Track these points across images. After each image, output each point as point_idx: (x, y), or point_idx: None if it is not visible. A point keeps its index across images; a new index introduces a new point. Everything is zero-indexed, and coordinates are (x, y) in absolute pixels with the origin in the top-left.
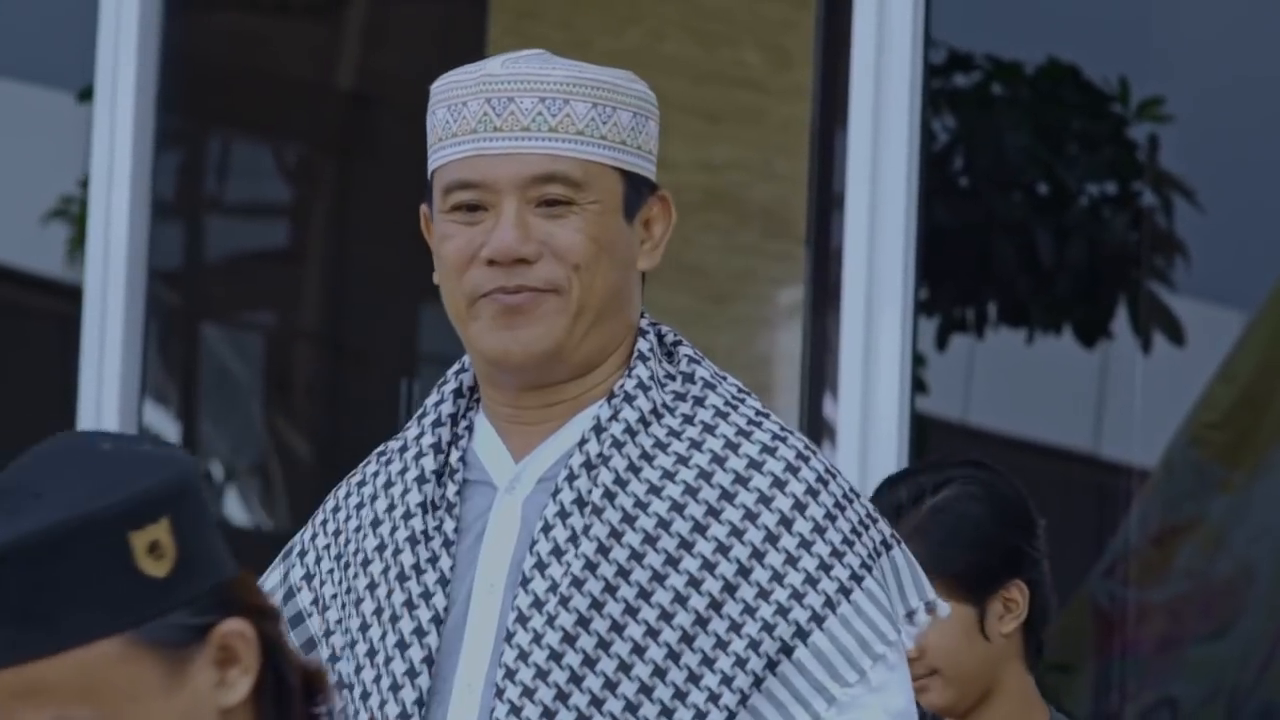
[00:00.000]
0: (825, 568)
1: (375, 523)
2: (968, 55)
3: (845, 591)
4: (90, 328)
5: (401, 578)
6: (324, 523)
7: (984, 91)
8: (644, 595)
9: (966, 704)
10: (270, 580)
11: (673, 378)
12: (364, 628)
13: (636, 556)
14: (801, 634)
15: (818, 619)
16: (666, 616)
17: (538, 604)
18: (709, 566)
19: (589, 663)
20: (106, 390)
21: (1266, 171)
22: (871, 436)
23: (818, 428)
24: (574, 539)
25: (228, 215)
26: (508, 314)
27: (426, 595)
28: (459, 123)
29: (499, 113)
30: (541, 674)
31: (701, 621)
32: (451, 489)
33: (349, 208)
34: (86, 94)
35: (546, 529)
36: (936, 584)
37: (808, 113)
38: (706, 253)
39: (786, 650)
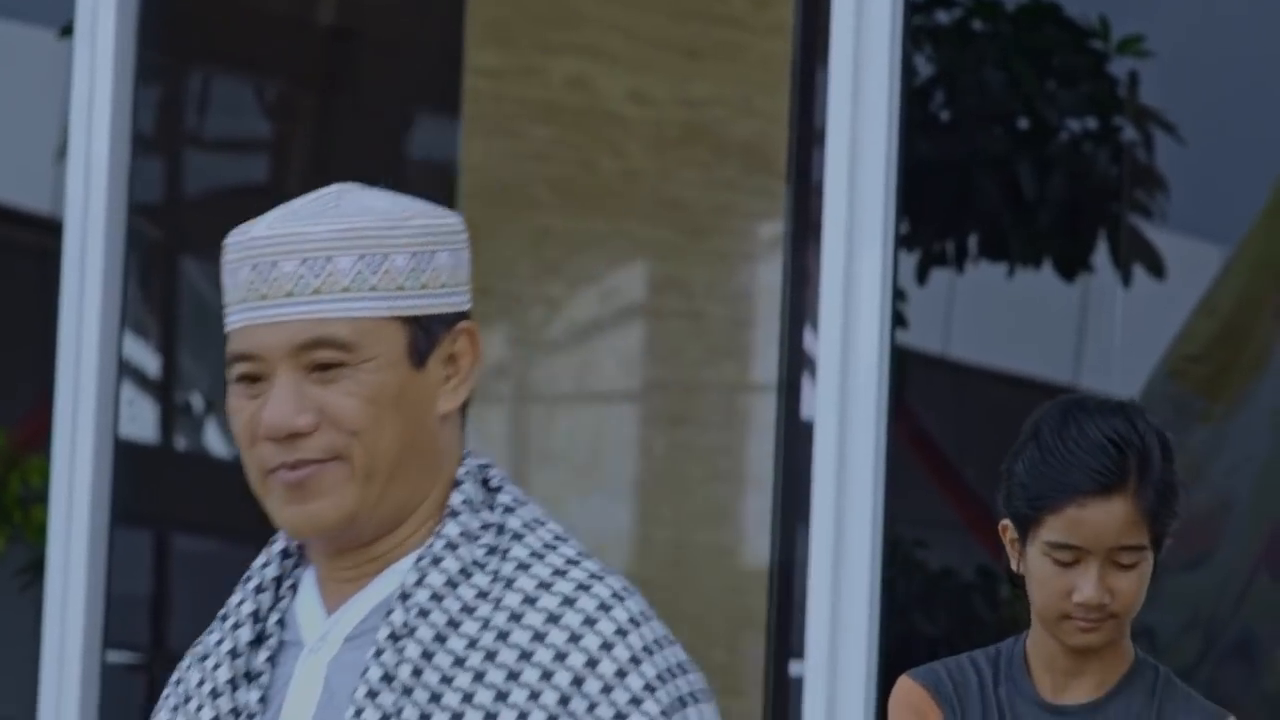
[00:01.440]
0: None
1: (187, 699)
2: None
3: None
4: (70, 261)
5: None
6: (167, 697)
7: (965, 27)
8: None
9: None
10: None
11: (488, 528)
12: None
13: None
14: None
15: None
16: None
17: None
18: None
19: None
20: (86, 323)
21: (1246, 106)
22: (851, 370)
23: (797, 362)
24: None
25: (208, 150)
26: (293, 490)
27: None
28: (233, 290)
29: (264, 279)
30: None
31: None
32: (263, 656)
33: (329, 142)
34: (67, 30)
35: (358, 712)
36: (1151, 538)
37: (788, 48)
38: (686, 187)
39: None
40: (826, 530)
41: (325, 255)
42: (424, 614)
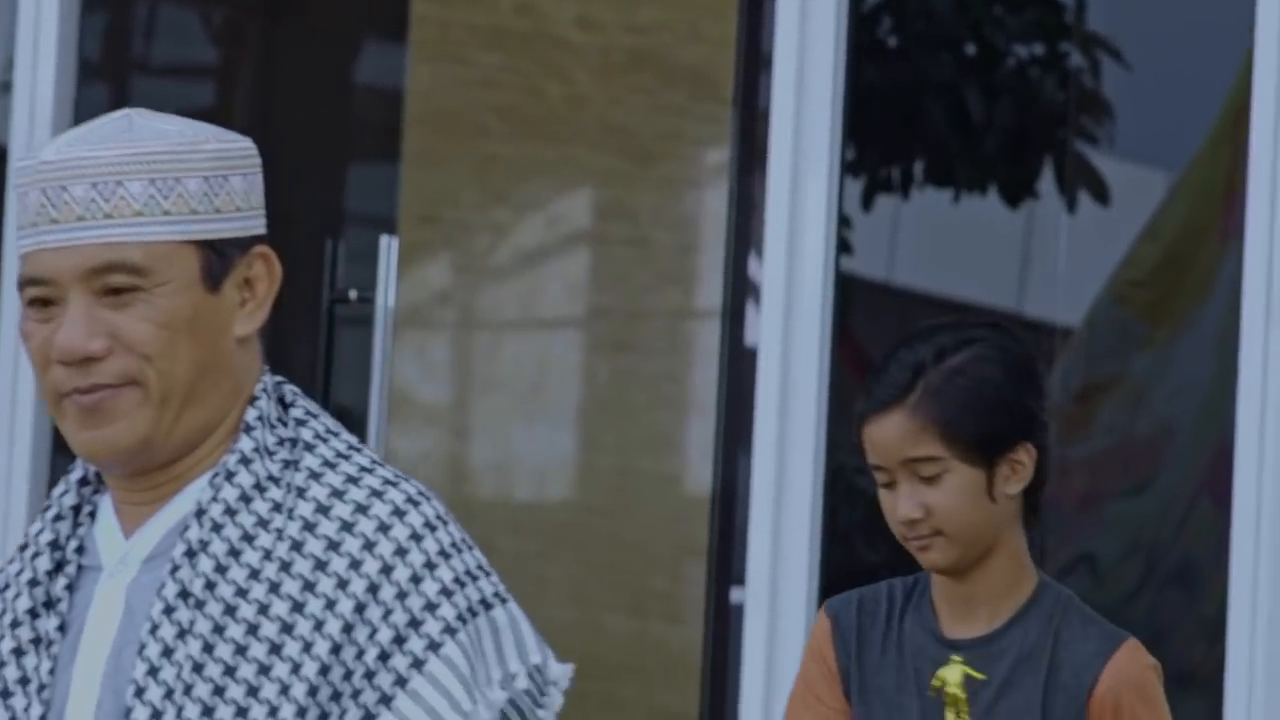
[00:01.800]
0: (400, 640)
1: None
2: None
3: (419, 664)
4: None
5: (5, 694)
6: None
7: None
8: (252, 693)
9: (966, 564)
10: None
11: (283, 444)
12: None
13: (241, 650)
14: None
15: (385, 699)
16: (274, 712)
17: (156, 716)
18: (308, 648)
19: None
20: None
21: (1192, 32)
22: (796, 297)
23: (742, 288)
24: (182, 635)
25: (154, 76)
26: (87, 414)
27: (27, 709)
28: (24, 214)
29: (54, 203)
30: None
31: (302, 712)
32: (61, 583)
33: (276, 68)
34: None
35: (154, 629)
36: (951, 448)
37: None
38: (633, 113)
39: None
40: (769, 457)
41: (116, 179)
42: (218, 529)
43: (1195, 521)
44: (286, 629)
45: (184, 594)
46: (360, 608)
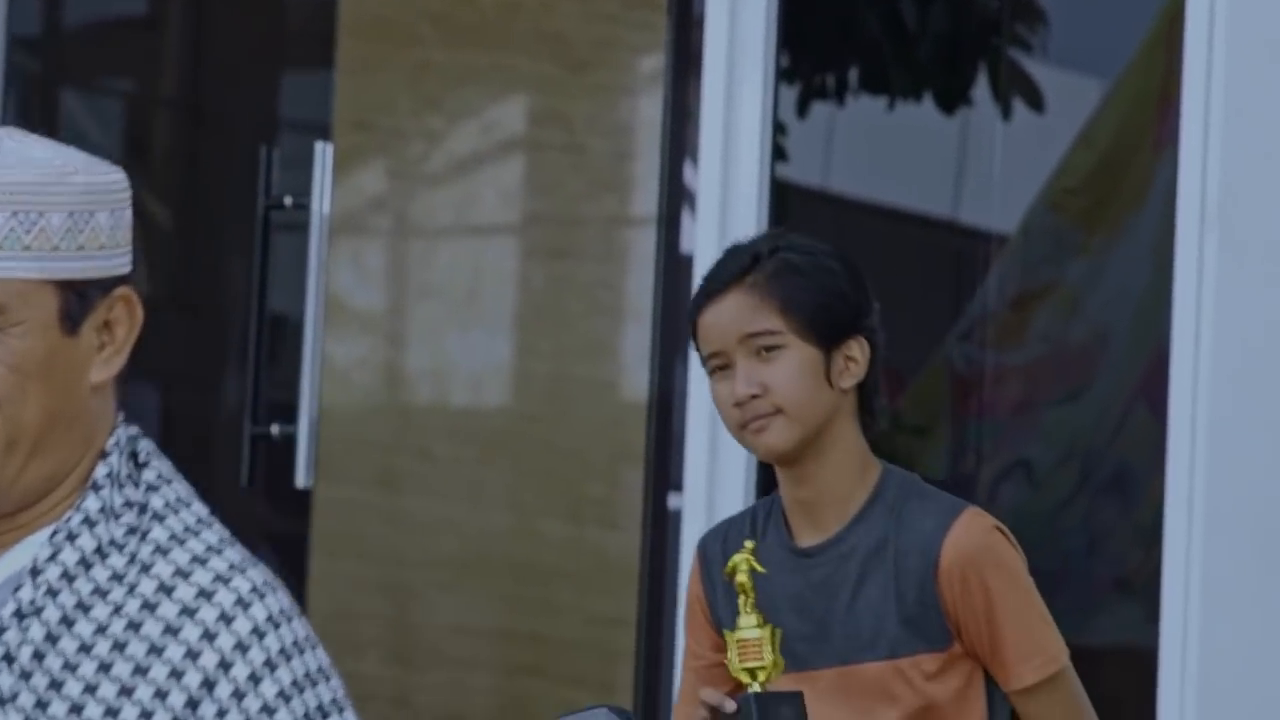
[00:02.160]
0: None
1: None
2: None
3: None
4: None
5: None
6: None
7: None
8: None
9: (802, 448)
10: None
11: (130, 506)
12: None
13: None
14: None
15: None
16: None
17: None
18: None
19: None
20: None
21: None
22: (731, 204)
23: (677, 195)
24: (1, 705)
25: None
26: None
27: None
28: None
29: None
30: None
31: None
32: None
33: None
34: None
35: None
36: (790, 323)
37: None
38: (567, 20)
39: None
40: None
41: None
42: (53, 593)
43: (1131, 428)
44: (111, 713)
45: (8, 659)
46: (193, 703)
